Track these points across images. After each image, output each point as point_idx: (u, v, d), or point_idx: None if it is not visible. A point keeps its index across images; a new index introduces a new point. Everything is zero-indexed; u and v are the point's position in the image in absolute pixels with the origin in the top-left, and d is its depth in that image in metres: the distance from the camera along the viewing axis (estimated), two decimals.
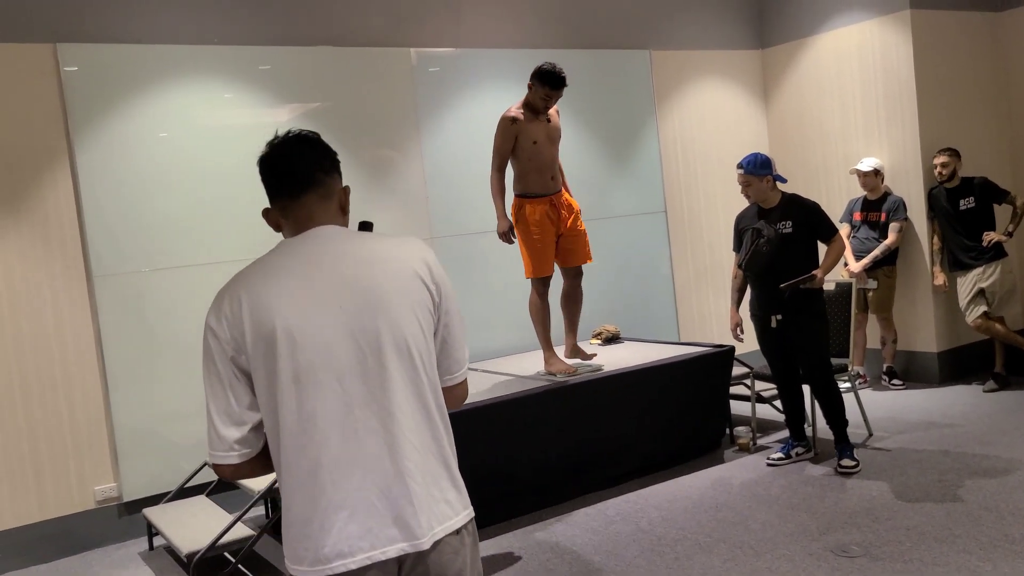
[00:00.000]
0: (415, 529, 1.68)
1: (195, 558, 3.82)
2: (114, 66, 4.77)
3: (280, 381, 1.63)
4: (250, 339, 1.64)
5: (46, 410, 4.58)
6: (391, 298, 1.70)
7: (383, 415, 1.67)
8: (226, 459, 1.69)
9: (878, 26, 6.44)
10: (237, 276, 1.73)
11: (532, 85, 4.60)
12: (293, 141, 1.77)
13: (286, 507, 1.68)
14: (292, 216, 1.77)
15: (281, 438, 1.65)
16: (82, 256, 4.68)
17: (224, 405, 1.67)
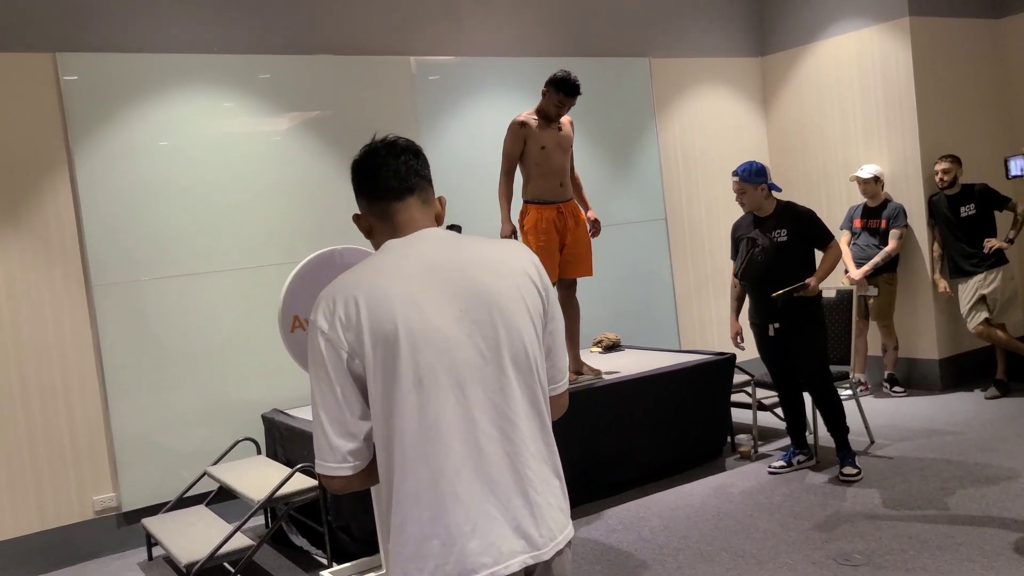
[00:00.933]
0: (537, 540, 1.62)
1: (194, 568, 3.80)
2: (114, 75, 4.77)
3: (400, 385, 1.56)
4: (368, 341, 1.56)
5: (46, 419, 4.57)
6: (508, 302, 1.65)
7: (502, 422, 1.61)
8: (339, 471, 1.60)
9: (877, 33, 6.45)
10: (344, 278, 1.64)
11: (546, 91, 4.64)
12: (400, 146, 1.74)
13: (398, 524, 1.58)
14: (393, 220, 1.71)
15: (397, 446, 1.56)
16: (82, 265, 4.67)
17: (337, 414, 1.59)
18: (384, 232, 1.73)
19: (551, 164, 4.71)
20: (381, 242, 1.73)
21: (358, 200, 1.75)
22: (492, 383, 1.61)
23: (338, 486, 1.63)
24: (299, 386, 5.08)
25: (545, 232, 4.71)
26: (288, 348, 3.66)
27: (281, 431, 4.79)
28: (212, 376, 5.00)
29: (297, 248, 5.07)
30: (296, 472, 4.15)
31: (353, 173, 1.75)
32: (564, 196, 4.80)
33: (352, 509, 4.07)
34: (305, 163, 5.32)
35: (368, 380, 1.58)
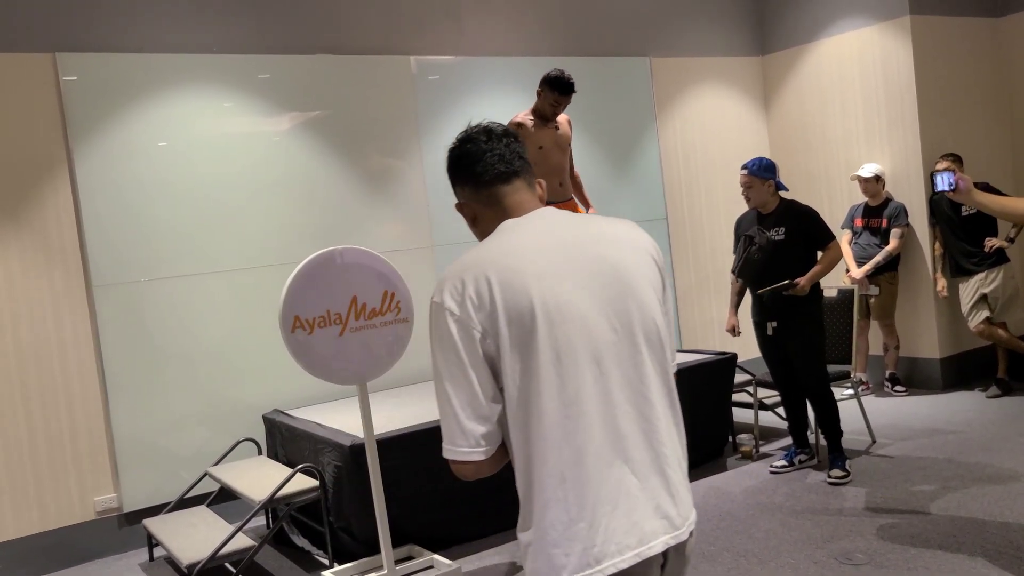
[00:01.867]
0: (675, 519, 1.59)
1: (196, 569, 3.80)
2: (113, 75, 4.76)
3: (539, 363, 1.51)
4: (503, 320, 1.52)
5: (46, 420, 4.57)
6: (637, 279, 1.62)
7: (638, 399, 1.58)
8: (472, 455, 1.56)
9: (878, 32, 6.44)
10: (468, 258, 1.60)
11: (541, 91, 4.64)
12: (498, 131, 1.74)
13: (540, 508, 1.53)
14: (503, 204, 1.70)
15: (536, 426, 1.52)
16: (82, 266, 4.67)
17: (469, 397, 1.53)
18: (491, 218, 1.71)
19: (550, 163, 4.71)
20: (487, 228, 1.70)
21: (460, 188, 1.73)
22: (626, 359, 1.58)
23: (470, 471, 1.59)
24: (299, 387, 5.07)
25: None
26: (289, 348, 3.65)
27: (282, 431, 4.79)
28: (213, 376, 5.00)
29: (297, 249, 5.07)
30: (297, 472, 4.15)
31: (454, 161, 1.74)
32: (564, 195, 4.80)
33: (353, 509, 4.06)
34: (305, 163, 5.31)
35: (502, 360, 1.53)
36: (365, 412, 3.83)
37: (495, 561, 4.05)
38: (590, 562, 1.50)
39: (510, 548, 4.19)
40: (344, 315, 3.73)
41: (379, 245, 5.22)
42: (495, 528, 4.38)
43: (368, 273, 3.81)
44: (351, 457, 3.98)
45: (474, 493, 4.33)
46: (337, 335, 3.72)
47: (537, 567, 1.54)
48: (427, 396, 5.05)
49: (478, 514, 4.35)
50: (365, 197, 5.50)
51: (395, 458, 4.07)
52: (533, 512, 1.55)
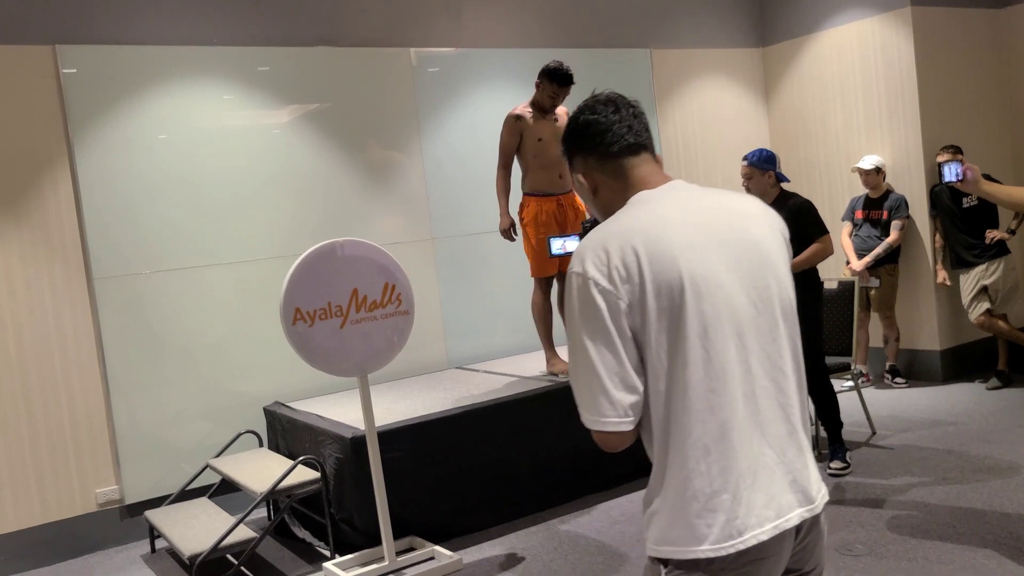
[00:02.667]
0: (810, 493, 1.61)
1: (197, 560, 3.81)
2: (113, 68, 4.76)
3: (686, 335, 1.51)
4: (651, 291, 1.51)
5: (47, 413, 4.57)
6: (774, 254, 1.64)
7: (775, 373, 1.59)
8: (620, 426, 1.54)
9: (879, 23, 6.43)
10: (610, 229, 1.58)
11: (539, 83, 4.63)
12: (625, 101, 1.70)
13: (683, 480, 1.53)
14: (630, 177, 1.67)
15: (680, 398, 1.52)
16: (82, 259, 4.67)
17: (617, 367, 1.52)
18: (615, 190, 1.69)
19: (549, 156, 4.71)
20: (611, 200, 1.69)
21: (583, 158, 1.70)
22: (765, 333, 1.59)
23: (616, 442, 1.57)
24: (300, 379, 5.08)
25: (545, 224, 4.71)
26: (290, 341, 3.66)
27: (283, 424, 4.80)
28: (213, 369, 5.00)
29: (298, 241, 5.07)
30: (298, 464, 4.16)
31: (579, 130, 1.70)
32: (563, 188, 4.80)
33: (354, 501, 4.07)
34: (305, 156, 5.31)
35: (648, 332, 1.53)
36: (366, 404, 3.83)
37: (496, 553, 4.06)
38: (732, 534, 1.52)
39: (511, 540, 4.20)
40: (345, 307, 3.74)
41: (379, 238, 5.21)
42: (496, 520, 4.39)
43: (369, 265, 3.81)
44: (352, 449, 3.99)
45: (475, 485, 4.34)
46: (338, 327, 3.72)
47: (675, 536, 1.55)
48: (428, 388, 5.06)
49: (479, 506, 4.36)
50: (365, 189, 5.50)
51: (396, 450, 4.08)
52: (672, 483, 1.55)
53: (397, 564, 3.90)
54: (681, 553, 1.54)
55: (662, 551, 1.56)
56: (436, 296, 5.71)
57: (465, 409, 4.39)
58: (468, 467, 4.33)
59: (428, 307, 5.58)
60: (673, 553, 1.55)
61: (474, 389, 4.85)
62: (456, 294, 5.80)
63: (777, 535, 1.55)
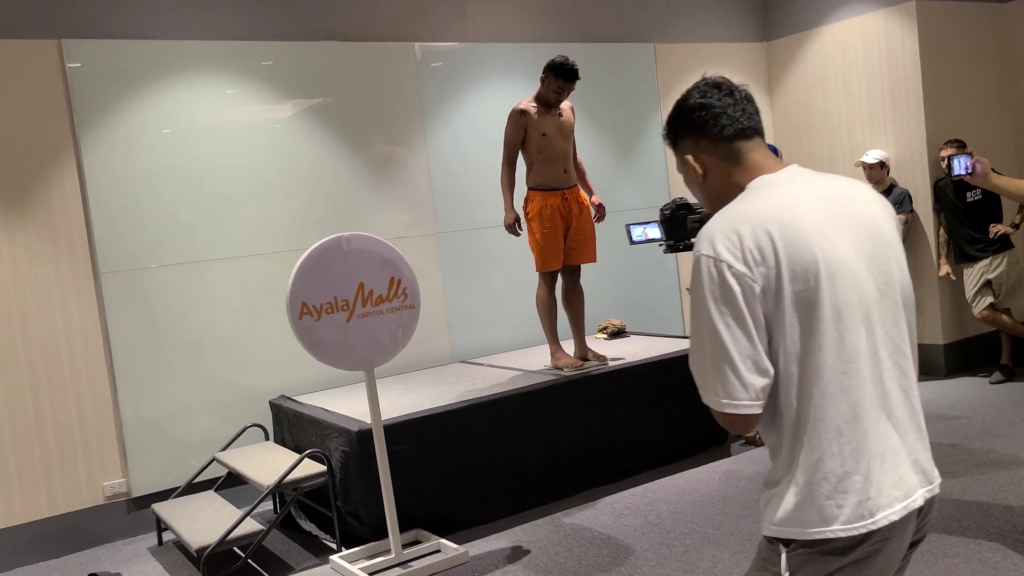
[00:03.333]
0: (931, 473, 1.65)
1: (205, 553, 3.83)
2: (119, 62, 4.77)
3: (820, 318, 1.53)
4: (786, 274, 1.52)
5: (55, 407, 4.60)
6: (894, 239, 1.66)
7: (898, 356, 1.62)
8: (752, 409, 1.54)
9: (883, 17, 6.42)
10: (738, 211, 1.58)
11: (545, 78, 4.63)
12: (735, 86, 1.72)
13: (814, 461, 1.55)
14: (744, 161, 1.68)
15: (815, 381, 1.54)
16: (89, 253, 4.69)
17: (750, 350, 1.53)
18: (727, 174, 1.68)
19: (553, 151, 4.71)
20: (721, 183, 1.69)
21: (692, 141, 1.70)
22: (889, 317, 1.61)
23: (744, 425, 1.58)
24: (306, 373, 5.10)
25: (550, 219, 4.72)
26: (296, 335, 3.67)
27: (289, 417, 4.82)
28: (220, 363, 5.02)
29: (303, 235, 5.08)
30: (305, 458, 4.18)
31: (689, 112, 1.70)
32: (568, 182, 4.81)
33: (360, 494, 4.09)
34: (309, 150, 5.31)
35: (781, 315, 1.54)
36: (372, 398, 3.85)
37: (501, 545, 4.08)
38: (864, 514, 1.54)
39: (516, 533, 4.22)
40: (351, 301, 3.75)
41: (383, 232, 5.22)
42: (501, 513, 4.41)
43: (375, 260, 3.82)
44: (358, 442, 4.01)
45: (480, 478, 4.36)
46: (344, 321, 3.74)
47: (802, 517, 1.56)
48: (433, 382, 5.08)
49: (484, 499, 4.38)
50: (369, 184, 5.51)
51: (402, 443, 4.10)
52: (802, 465, 1.57)
53: (403, 556, 3.92)
54: (809, 534, 1.55)
55: (786, 532, 1.58)
56: (441, 290, 5.72)
57: (470, 403, 4.41)
58: (473, 460, 4.35)
59: (433, 301, 5.59)
60: (799, 534, 1.56)
61: (479, 383, 4.86)
62: (461, 288, 5.81)
63: (906, 515, 1.58)
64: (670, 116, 1.75)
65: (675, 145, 1.75)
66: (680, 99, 1.73)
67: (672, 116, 1.74)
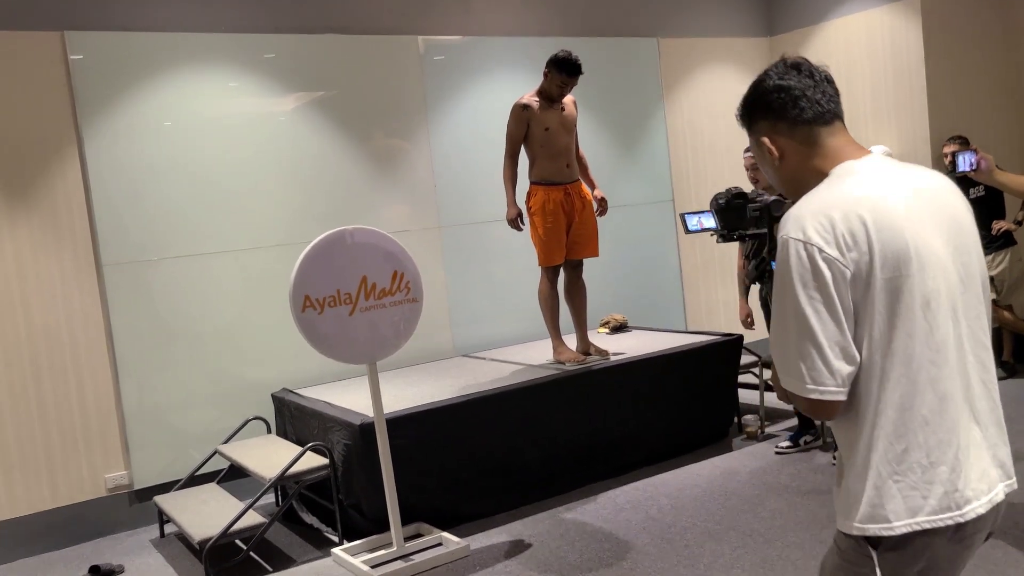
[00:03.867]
0: (1009, 468, 1.64)
1: (207, 545, 3.84)
2: (121, 54, 4.76)
3: (909, 307, 1.51)
4: (878, 261, 1.50)
5: (57, 398, 4.60)
6: (973, 233, 1.64)
7: (979, 349, 1.61)
8: (838, 395, 1.52)
9: (888, 13, 6.41)
10: (829, 196, 1.56)
11: (548, 72, 4.62)
12: (816, 67, 1.70)
13: (899, 451, 1.53)
14: (824, 145, 1.65)
15: (904, 371, 1.52)
16: (91, 245, 4.69)
17: (838, 337, 1.50)
18: (805, 157, 1.66)
19: (556, 145, 4.71)
20: (798, 167, 1.67)
21: (770, 123, 1.67)
22: (971, 308, 1.60)
23: (829, 412, 1.55)
24: (308, 366, 5.10)
25: (552, 213, 4.72)
26: (299, 328, 3.67)
27: (291, 410, 4.82)
28: (222, 355, 5.02)
29: (305, 228, 5.08)
30: (307, 451, 4.18)
31: (767, 94, 1.67)
32: (571, 177, 4.80)
33: (362, 487, 4.10)
34: (312, 144, 5.31)
35: (870, 302, 1.52)
36: (375, 391, 3.85)
37: (502, 539, 4.09)
38: (951, 505, 1.53)
39: (517, 527, 4.23)
40: (354, 295, 3.75)
41: (386, 226, 5.21)
42: (503, 507, 4.42)
43: (378, 253, 3.83)
44: (360, 436, 4.01)
45: (482, 472, 4.37)
46: (347, 315, 3.74)
47: (888, 511, 1.54)
48: (435, 376, 5.08)
49: (486, 493, 4.39)
50: (372, 178, 5.51)
51: (404, 437, 4.10)
52: (885, 456, 1.54)
53: (405, 550, 3.93)
54: (896, 527, 1.53)
55: (871, 528, 1.54)
56: (443, 284, 5.72)
57: (472, 397, 4.41)
58: (475, 454, 4.35)
59: (435, 295, 5.59)
60: (886, 530, 1.53)
61: (481, 377, 4.87)
62: (463, 282, 5.81)
63: (990, 508, 1.57)
64: (746, 97, 1.72)
65: (750, 127, 1.72)
66: (757, 80, 1.71)
67: (748, 97, 1.71)
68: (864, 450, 1.56)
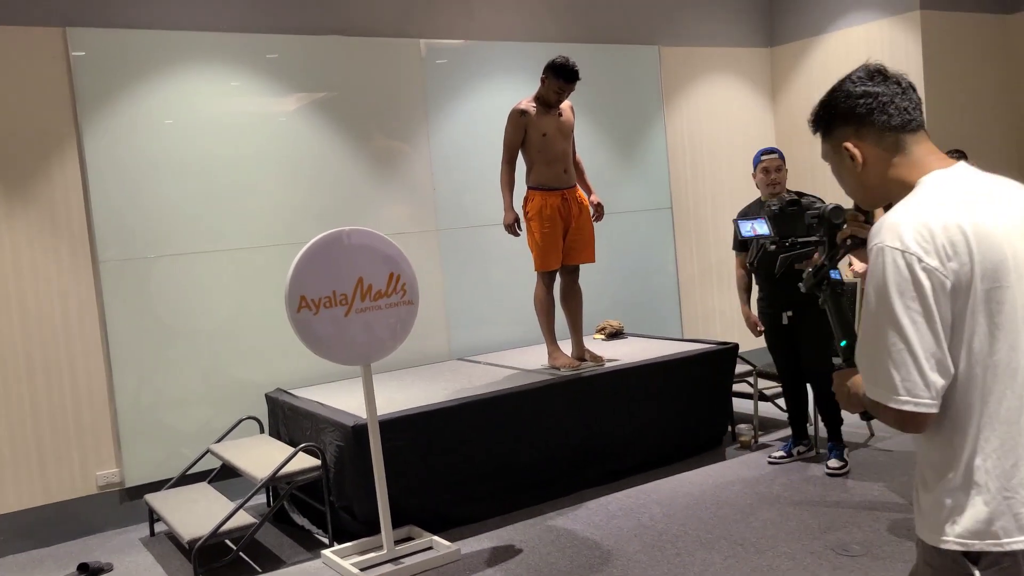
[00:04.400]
0: None
1: (197, 544, 3.83)
2: (123, 51, 4.76)
3: (1013, 318, 1.48)
4: (978, 272, 1.47)
5: (50, 394, 4.59)
6: None
7: None
8: (931, 408, 1.48)
9: (888, 26, 6.43)
10: (926, 205, 1.52)
11: (545, 78, 4.63)
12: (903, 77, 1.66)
13: (1008, 467, 1.49)
14: (911, 153, 1.62)
15: (1009, 384, 1.49)
16: (88, 241, 4.68)
17: (935, 348, 1.46)
18: (889, 165, 1.63)
19: (554, 151, 4.72)
20: (880, 174, 1.64)
21: (853, 129, 1.65)
22: None
23: (918, 424, 1.51)
24: (302, 366, 5.09)
25: (550, 219, 4.72)
26: (294, 328, 3.67)
27: (284, 410, 4.81)
28: (216, 354, 5.01)
29: (303, 229, 5.07)
30: (299, 451, 4.17)
31: (853, 99, 1.64)
32: (568, 182, 4.81)
33: (354, 489, 4.09)
34: (312, 144, 5.31)
35: (968, 314, 1.48)
36: (368, 393, 3.85)
37: (493, 544, 4.08)
38: None
39: (508, 532, 4.22)
40: (350, 296, 3.75)
41: (384, 228, 5.20)
42: (494, 512, 4.41)
43: (375, 255, 3.82)
44: (353, 437, 4.00)
45: (474, 476, 4.36)
46: (342, 316, 3.74)
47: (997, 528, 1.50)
48: (429, 379, 5.08)
49: (478, 497, 4.38)
50: (371, 179, 5.51)
51: (396, 439, 4.10)
52: (989, 472, 1.50)
53: (395, 553, 3.92)
54: (1006, 545, 1.49)
55: (976, 544, 1.50)
56: (440, 287, 5.72)
57: (466, 400, 4.41)
58: (468, 458, 4.35)
59: (432, 298, 5.59)
60: (994, 546, 1.49)
61: (476, 381, 4.86)
62: (460, 285, 5.81)
63: None
64: (826, 103, 1.69)
65: (828, 132, 1.69)
66: (839, 85, 1.68)
67: (829, 103, 1.68)
68: (965, 466, 1.52)
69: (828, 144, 1.70)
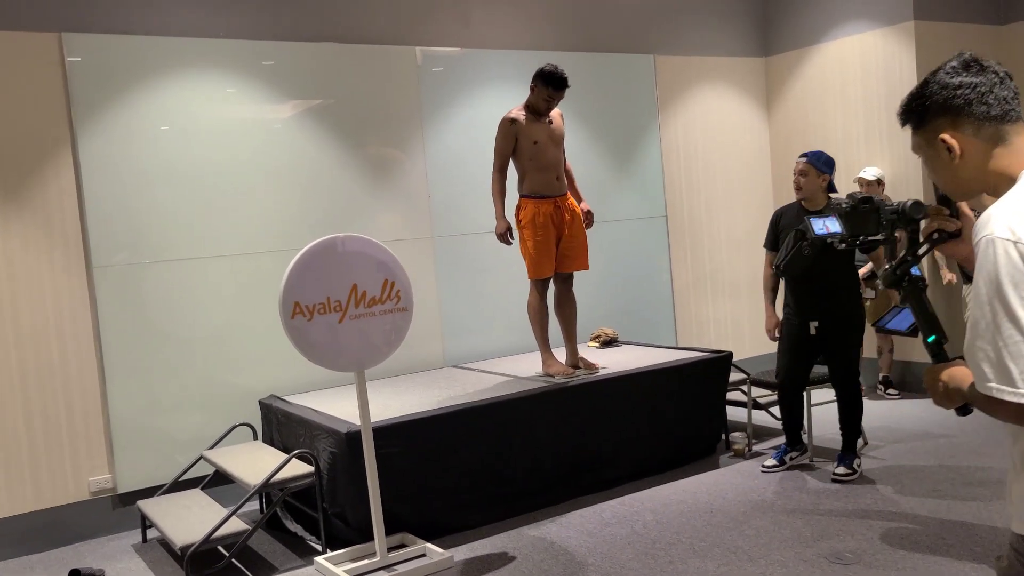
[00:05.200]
0: None
1: (189, 551, 3.82)
2: (118, 57, 4.77)
3: None
4: None
5: (43, 400, 4.58)
6: None
7: None
8: None
9: (882, 36, 6.46)
10: None
11: (534, 86, 4.64)
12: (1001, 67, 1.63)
13: None
14: (1012, 145, 1.60)
15: None
16: (82, 247, 4.68)
17: None
18: (987, 157, 1.61)
19: (545, 158, 4.73)
20: (978, 166, 1.63)
21: (949, 120, 1.63)
22: None
23: None
24: (296, 373, 5.09)
25: (542, 227, 4.72)
26: (288, 334, 3.67)
27: (278, 417, 4.81)
28: (210, 361, 5.01)
29: (297, 235, 5.08)
30: (292, 458, 4.17)
31: (951, 90, 1.62)
32: (560, 190, 4.82)
33: (347, 496, 4.08)
34: (307, 151, 5.32)
35: None
36: (362, 400, 3.84)
37: (487, 551, 4.08)
38: None
39: (502, 539, 4.21)
40: (344, 302, 3.75)
41: (379, 235, 5.22)
42: (488, 519, 4.40)
43: (369, 261, 3.83)
44: (346, 444, 4.00)
45: (468, 483, 4.36)
46: (336, 322, 3.73)
47: None
48: (424, 386, 5.07)
49: (471, 504, 4.37)
50: (366, 186, 5.51)
51: (390, 446, 4.09)
52: None
53: (388, 560, 3.91)
54: None
55: None
56: (435, 294, 5.72)
57: (460, 408, 4.40)
58: (461, 465, 4.34)
59: (426, 305, 5.59)
60: None
61: (470, 388, 4.86)
62: (455, 293, 5.82)
63: None
64: (918, 94, 1.67)
65: (921, 124, 1.68)
66: (934, 76, 1.65)
67: (924, 94, 1.66)
68: None
69: (921, 137, 1.69)
